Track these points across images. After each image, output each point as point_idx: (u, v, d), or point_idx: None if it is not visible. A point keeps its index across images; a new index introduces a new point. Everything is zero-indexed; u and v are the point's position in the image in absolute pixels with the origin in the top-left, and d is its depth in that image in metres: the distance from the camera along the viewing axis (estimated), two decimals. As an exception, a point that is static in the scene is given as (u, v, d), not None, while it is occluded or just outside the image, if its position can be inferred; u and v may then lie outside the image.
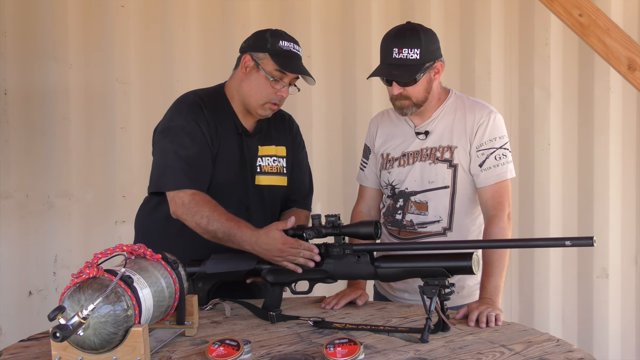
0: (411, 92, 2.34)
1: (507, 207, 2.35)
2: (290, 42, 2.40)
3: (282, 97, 2.41)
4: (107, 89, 3.57)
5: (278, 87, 2.38)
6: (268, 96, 2.39)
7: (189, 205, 2.30)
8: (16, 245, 3.50)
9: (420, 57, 2.30)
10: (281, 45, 2.37)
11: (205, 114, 2.40)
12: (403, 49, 2.30)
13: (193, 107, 2.40)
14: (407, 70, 2.30)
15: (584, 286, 4.08)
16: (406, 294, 2.47)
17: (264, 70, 2.36)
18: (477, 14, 3.96)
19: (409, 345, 1.88)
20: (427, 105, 2.40)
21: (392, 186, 2.48)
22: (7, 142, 3.47)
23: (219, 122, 2.42)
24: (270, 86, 2.37)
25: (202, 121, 2.38)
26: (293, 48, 2.40)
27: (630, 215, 4.07)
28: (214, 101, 2.45)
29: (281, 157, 2.55)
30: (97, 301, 1.64)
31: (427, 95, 2.37)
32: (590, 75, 3.98)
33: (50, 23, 3.49)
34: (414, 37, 2.31)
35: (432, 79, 2.36)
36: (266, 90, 2.38)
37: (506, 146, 2.40)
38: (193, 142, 2.36)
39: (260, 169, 2.49)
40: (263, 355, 1.83)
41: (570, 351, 1.82)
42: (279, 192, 2.55)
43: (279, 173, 2.54)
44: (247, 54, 2.40)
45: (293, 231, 2.19)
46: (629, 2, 3.94)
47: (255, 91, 2.40)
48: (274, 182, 2.52)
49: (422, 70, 2.31)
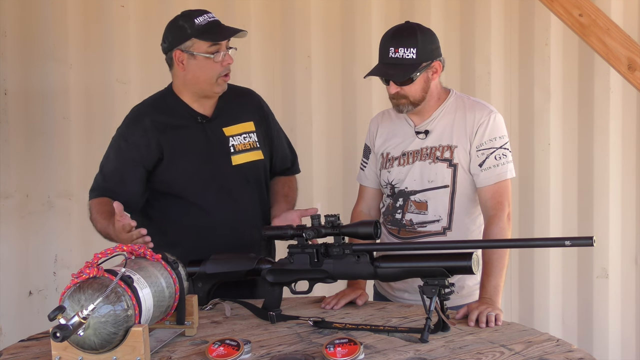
0: (408, 91, 2.34)
1: (507, 207, 2.35)
2: (202, 15, 2.43)
3: (229, 64, 2.44)
4: (107, 89, 3.57)
5: (219, 59, 2.41)
6: (216, 72, 2.43)
7: (92, 212, 2.47)
8: (16, 245, 3.50)
9: (417, 56, 2.30)
10: (198, 22, 2.40)
11: (147, 122, 2.47)
12: (399, 49, 2.31)
13: (131, 121, 2.51)
14: (402, 70, 2.31)
15: (584, 286, 4.08)
16: (406, 294, 2.47)
17: (200, 54, 2.40)
18: (477, 14, 3.96)
19: (409, 345, 1.89)
20: (426, 105, 2.41)
21: (392, 185, 2.48)
22: (7, 142, 3.47)
23: (171, 120, 2.48)
24: (213, 62, 2.41)
25: (137, 133, 2.46)
26: (209, 18, 2.43)
27: (630, 215, 4.07)
28: (161, 103, 2.53)
29: (251, 132, 2.57)
30: (97, 301, 1.64)
31: (425, 95, 2.37)
32: (590, 75, 3.98)
33: (50, 23, 3.49)
34: (411, 37, 2.32)
35: (429, 79, 2.36)
36: (212, 69, 2.42)
37: (506, 146, 2.40)
38: (116, 156, 2.49)
39: (234, 149, 2.52)
40: (263, 355, 1.83)
41: (570, 351, 1.82)
42: (260, 167, 2.58)
43: (253, 148, 2.56)
44: (176, 50, 2.43)
45: (293, 231, 2.19)
46: (629, 2, 3.93)
47: (202, 75, 2.44)
48: (251, 158, 2.55)
49: (419, 70, 2.32)
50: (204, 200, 2.48)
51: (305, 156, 3.68)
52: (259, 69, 3.72)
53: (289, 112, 3.72)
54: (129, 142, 2.47)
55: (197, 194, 2.47)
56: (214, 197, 2.47)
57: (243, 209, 2.52)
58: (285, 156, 2.71)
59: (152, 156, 2.46)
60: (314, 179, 3.78)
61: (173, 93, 2.52)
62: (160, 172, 2.47)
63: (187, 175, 2.48)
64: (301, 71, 3.80)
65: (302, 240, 2.18)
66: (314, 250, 2.17)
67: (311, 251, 2.17)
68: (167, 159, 2.46)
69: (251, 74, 3.64)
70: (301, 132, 3.75)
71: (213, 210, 2.49)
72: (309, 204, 3.67)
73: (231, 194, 2.48)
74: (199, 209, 2.48)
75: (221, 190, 2.48)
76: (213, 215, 2.48)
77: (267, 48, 3.75)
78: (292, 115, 3.74)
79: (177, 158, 2.47)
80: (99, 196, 2.46)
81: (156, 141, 2.45)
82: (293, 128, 3.68)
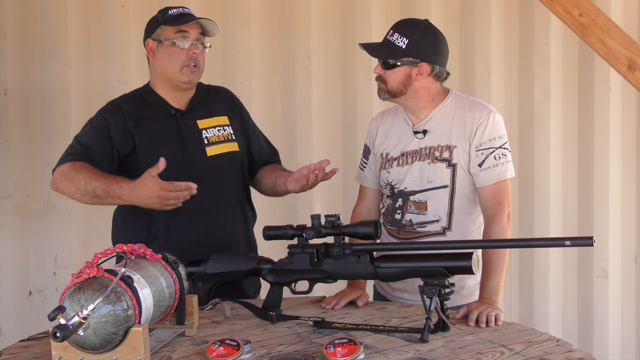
0: (387, 76, 2.38)
1: (507, 207, 2.35)
2: (178, 8, 2.51)
3: (195, 54, 2.47)
4: (107, 89, 3.56)
5: (186, 46, 2.46)
6: (181, 60, 2.47)
7: (67, 172, 2.40)
8: (16, 245, 3.50)
9: (406, 47, 2.33)
10: (171, 12, 2.49)
11: (124, 109, 2.52)
12: (395, 34, 2.36)
13: (111, 106, 2.56)
14: (386, 51, 2.36)
15: (584, 286, 4.08)
16: (406, 294, 2.47)
17: (166, 40, 2.47)
18: (477, 14, 3.96)
19: (409, 345, 1.89)
20: (414, 102, 2.41)
21: (392, 186, 2.48)
22: (7, 142, 3.47)
23: (145, 112, 2.53)
24: (179, 49, 2.46)
25: (117, 115, 2.51)
26: (183, 10, 2.50)
27: (630, 215, 4.08)
28: (136, 97, 2.60)
29: (225, 125, 2.61)
30: (97, 301, 1.64)
31: (404, 90, 2.38)
32: (590, 75, 3.98)
33: (50, 23, 3.49)
34: (410, 29, 2.36)
35: (412, 77, 2.36)
36: (177, 56, 2.47)
37: (506, 146, 2.40)
38: (96, 134, 2.49)
39: (207, 141, 2.55)
40: (263, 355, 1.83)
41: (570, 351, 1.82)
42: (236, 158, 2.61)
43: (227, 140, 2.60)
44: (148, 39, 2.53)
45: (293, 231, 2.19)
46: (629, 2, 3.94)
47: (167, 61, 2.49)
48: (225, 149, 2.58)
49: (401, 60, 2.33)
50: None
51: (305, 156, 3.68)
52: (259, 69, 3.73)
53: (289, 112, 3.72)
54: (108, 122, 2.50)
55: None
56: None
57: (217, 199, 2.53)
58: (262, 148, 2.74)
59: (126, 143, 2.49)
60: (314, 178, 3.78)
61: (149, 88, 2.60)
62: (134, 163, 2.48)
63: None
64: (301, 71, 3.80)
65: (302, 240, 2.18)
66: (314, 250, 2.17)
67: (311, 251, 2.17)
68: (140, 150, 2.49)
69: (251, 74, 3.64)
70: (301, 132, 3.75)
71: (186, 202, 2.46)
72: (309, 204, 3.70)
73: (202, 183, 2.45)
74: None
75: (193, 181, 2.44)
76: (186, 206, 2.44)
77: (267, 48, 3.76)
78: (292, 115, 3.74)
79: (151, 149, 2.47)
80: (76, 161, 2.43)
81: (129, 131, 2.49)
82: (293, 128, 3.68)
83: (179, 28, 2.46)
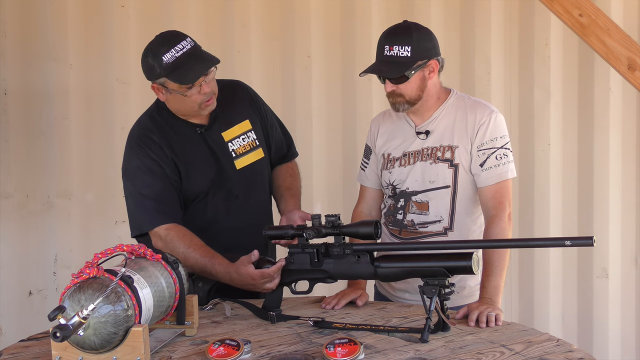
0: (404, 89, 2.34)
1: (508, 207, 2.35)
2: (171, 50, 2.27)
3: (206, 93, 2.34)
4: (107, 89, 3.57)
5: (195, 92, 2.32)
6: (195, 103, 2.36)
7: (166, 241, 2.33)
8: (16, 245, 3.50)
9: (412, 54, 2.30)
10: (166, 60, 2.27)
11: (156, 140, 2.40)
12: (394, 46, 2.32)
13: (142, 141, 2.41)
14: (396, 67, 2.31)
15: (584, 286, 4.08)
16: (407, 294, 2.47)
17: (174, 90, 2.33)
18: (477, 14, 3.96)
19: (409, 345, 1.89)
20: (425, 104, 2.41)
21: (393, 186, 2.48)
22: (7, 142, 3.47)
23: (175, 135, 2.43)
24: (189, 96, 2.33)
25: (155, 151, 2.38)
26: (178, 52, 2.28)
27: (630, 215, 4.07)
28: (157, 120, 2.45)
29: (248, 130, 2.54)
30: (97, 301, 1.64)
31: (421, 94, 2.37)
32: (590, 75, 3.98)
33: (50, 23, 3.49)
34: (406, 35, 2.32)
35: (426, 77, 2.36)
36: (189, 101, 2.35)
37: (507, 146, 2.39)
38: (154, 178, 2.38)
39: (235, 154, 2.50)
40: (263, 355, 1.83)
41: (570, 351, 1.82)
42: (263, 165, 2.57)
43: (253, 148, 2.54)
44: (153, 84, 2.37)
45: (293, 231, 2.19)
46: (629, 2, 3.94)
47: (183, 106, 2.39)
48: (253, 159, 2.53)
49: (413, 68, 2.32)
50: (215, 207, 2.46)
51: (305, 156, 3.67)
52: (259, 69, 3.72)
53: (289, 112, 3.72)
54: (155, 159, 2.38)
55: (207, 202, 2.44)
56: (224, 203, 2.45)
57: (250, 212, 2.51)
58: (280, 143, 2.68)
59: (175, 176, 2.41)
60: (314, 179, 3.78)
61: (166, 108, 2.46)
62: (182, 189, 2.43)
63: (200, 186, 2.44)
64: (301, 71, 3.80)
65: (302, 240, 2.18)
66: (314, 250, 2.17)
67: (311, 251, 2.17)
68: (184, 179, 2.42)
69: (251, 74, 3.64)
70: (301, 132, 3.74)
71: (222, 217, 2.47)
72: (309, 204, 3.69)
73: (237, 198, 2.47)
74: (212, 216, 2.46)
75: (229, 195, 2.46)
76: (223, 222, 2.47)
77: (267, 48, 3.75)
78: (292, 115, 3.74)
79: (191, 175, 2.43)
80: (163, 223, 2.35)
81: (173, 161, 2.41)
82: (293, 128, 3.66)
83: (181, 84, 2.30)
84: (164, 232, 2.34)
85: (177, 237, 2.33)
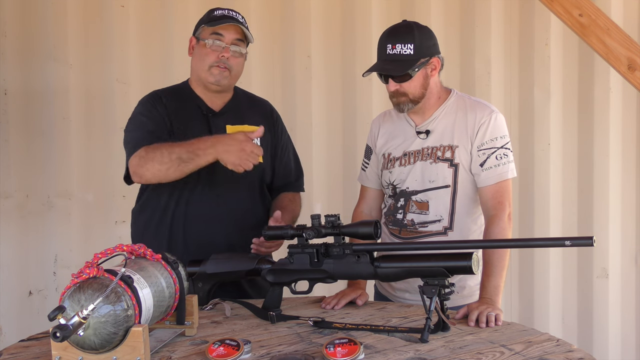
0: (407, 88, 2.35)
1: (508, 207, 2.35)
2: (225, 10, 2.52)
3: (224, 57, 2.47)
4: (107, 89, 3.57)
5: (218, 48, 2.47)
6: (210, 61, 2.48)
7: (145, 155, 2.36)
8: (16, 245, 3.51)
9: (414, 52, 2.31)
10: (216, 13, 2.51)
11: (164, 101, 2.53)
12: (396, 45, 2.32)
13: (150, 98, 2.56)
14: (400, 65, 2.32)
15: (584, 286, 4.08)
16: (407, 294, 2.47)
17: (202, 39, 2.49)
18: (477, 14, 3.96)
19: (409, 345, 1.88)
20: (426, 104, 2.41)
21: (394, 186, 2.48)
22: (7, 142, 3.47)
23: (181, 107, 2.54)
24: (210, 50, 2.47)
25: (159, 105, 2.52)
26: (227, 13, 2.51)
27: (630, 215, 4.08)
28: (175, 91, 2.60)
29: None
30: (97, 301, 1.64)
31: (424, 92, 2.38)
32: (590, 75, 3.99)
33: (50, 23, 3.49)
34: (408, 33, 2.33)
35: (428, 75, 2.37)
36: (207, 56, 2.48)
37: (507, 146, 2.40)
38: (150, 120, 2.48)
39: None
40: (263, 355, 1.83)
41: (570, 351, 1.82)
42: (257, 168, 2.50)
43: None
44: (192, 37, 2.55)
45: (293, 231, 2.19)
46: (629, 2, 3.94)
47: (198, 61, 2.52)
48: None
49: (417, 66, 2.32)
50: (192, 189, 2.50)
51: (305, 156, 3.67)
52: (259, 69, 3.73)
53: (289, 112, 3.72)
54: (158, 109, 2.51)
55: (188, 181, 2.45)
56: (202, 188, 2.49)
57: (225, 207, 2.52)
58: (289, 168, 2.70)
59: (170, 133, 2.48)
60: (314, 179, 3.78)
61: (188, 85, 2.61)
62: None
63: None
64: (301, 71, 3.80)
65: (302, 240, 2.18)
66: (314, 250, 2.17)
67: (311, 251, 2.17)
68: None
69: (251, 74, 3.64)
70: (301, 132, 3.75)
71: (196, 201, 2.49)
72: (309, 204, 3.70)
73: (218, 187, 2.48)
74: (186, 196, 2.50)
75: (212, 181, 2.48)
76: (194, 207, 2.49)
77: (267, 48, 3.76)
78: (292, 115, 3.74)
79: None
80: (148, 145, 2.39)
81: (170, 121, 2.50)
82: (293, 128, 3.68)
83: (214, 29, 2.46)
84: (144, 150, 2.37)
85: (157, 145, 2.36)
